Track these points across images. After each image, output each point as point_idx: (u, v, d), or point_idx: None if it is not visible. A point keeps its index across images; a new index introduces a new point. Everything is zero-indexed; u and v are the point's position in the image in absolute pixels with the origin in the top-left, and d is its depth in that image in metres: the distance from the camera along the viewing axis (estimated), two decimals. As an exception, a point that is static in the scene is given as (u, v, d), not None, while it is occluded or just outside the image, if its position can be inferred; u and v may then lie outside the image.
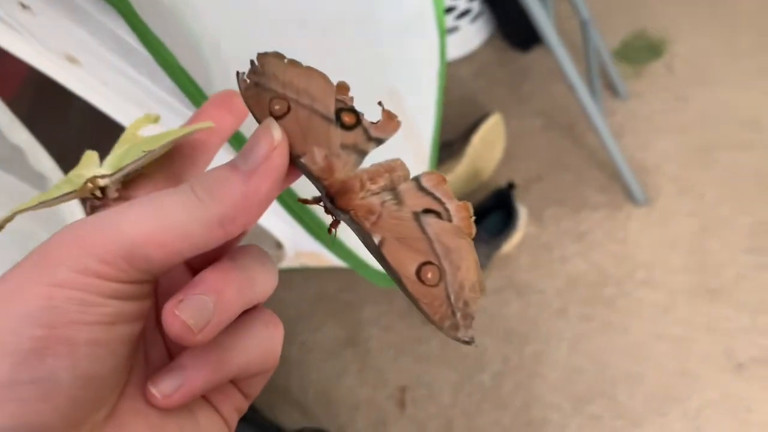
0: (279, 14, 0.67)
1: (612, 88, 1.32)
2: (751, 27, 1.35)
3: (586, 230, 1.20)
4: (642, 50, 1.38)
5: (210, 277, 0.22)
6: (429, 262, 0.23)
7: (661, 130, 1.27)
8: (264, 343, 0.25)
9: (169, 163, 0.27)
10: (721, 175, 1.19)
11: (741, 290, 1.09)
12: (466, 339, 0.24)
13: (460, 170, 1.24)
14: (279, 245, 0.57)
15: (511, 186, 1.18)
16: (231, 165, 0.22)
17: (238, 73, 0.24)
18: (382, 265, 0.24)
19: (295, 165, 0.24)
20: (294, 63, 0.25)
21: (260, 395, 1.07)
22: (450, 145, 1.28)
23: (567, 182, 1.26)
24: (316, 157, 0.23)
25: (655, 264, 1.14)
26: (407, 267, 0.23)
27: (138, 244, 0.20)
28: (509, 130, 1.33)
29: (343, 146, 0.24)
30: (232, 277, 0.22)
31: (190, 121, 0.27)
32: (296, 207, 0.48)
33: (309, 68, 0.25)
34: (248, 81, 0.24)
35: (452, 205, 0.25)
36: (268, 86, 0.24)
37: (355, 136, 0.25)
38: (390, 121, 0.26)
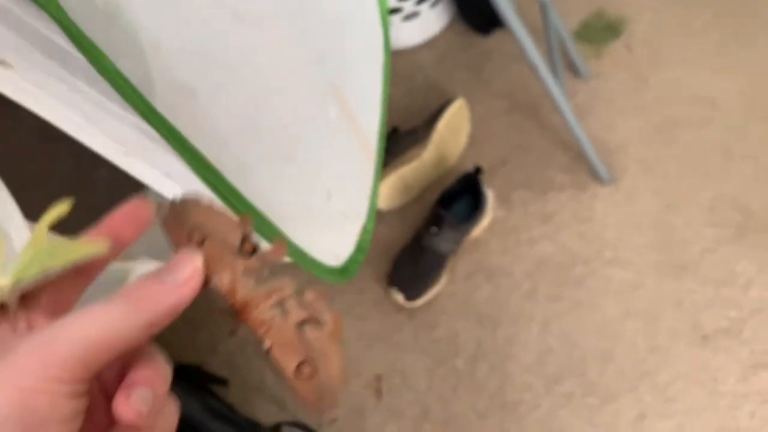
0: (214, 9, 0.65)
1: (573, 69, 1.33)
2: (706, 6, 1.37)
3: (553, 211, 1.21)
4: (601, 30, 1.39)
5: (144, 374, 0.27)
6: (305, 362, 0.30)
7: (623, 109, 1.28)
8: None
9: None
10: (683, 152, 1.21)
11: (705, 264, 1.11)
12: (331, 418, 0.39)
13: (426, 157, 1.23)
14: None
15: (477, 170, 1.18)
16: (159, 279, 0.28)
17: (158, 203, 0.30)
18: (269, 365, 0.30)
19: (207, 284, 0.30)
20: (208, 206, 0.31)
21: (235, 392, 1.06)
22: (414, 132, 1.27)
23: (532, 164, 1.26)
24: (224, 281, 0.31)
25: (622, 242, 1.16)
26: (289, 366, 0.30)
27: (91, 352, 0.24)
28: (474, 114, 1.33)
29: (245, 271, 0.31)
30: (159, 371, 0.27)
31: (98, 230, 0.30)
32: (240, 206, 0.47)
33: (219, 212, 0.31)
34: (169, 213, 0.31)
35: (327, 316, 0.31)
36: (186, 221, 0.31)
37: (254, 262, 0.31)
38: (279, 248, 0.32)
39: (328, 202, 0.58)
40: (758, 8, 1.34)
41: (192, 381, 1.05)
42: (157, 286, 0.28)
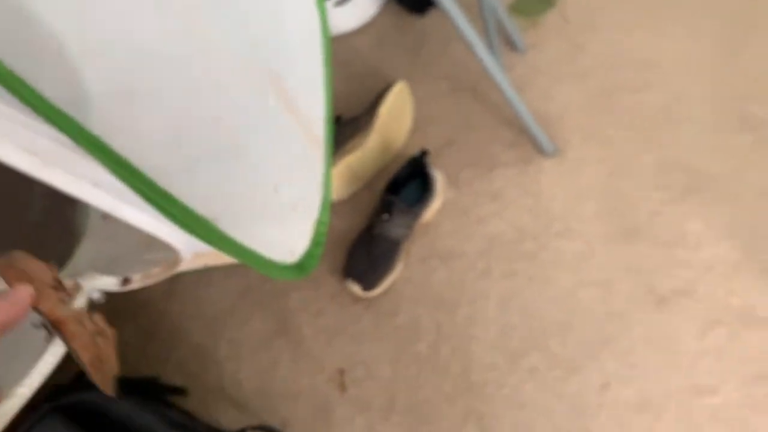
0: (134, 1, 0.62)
1: (510, 43, 1.33)
2: (636, -31, 1.37)
3: (501, 188, 1.20)
4: (536, 2, 1.39)
5: None
6: (96, 357, 0.47)
7: (562, 79, 1.28)
8: None
9: None
10: (623, 118, 1.22)
11: (655, 227, 1.12)
12: (109, 393, 0.50)
13: (370, 144, 1.21)
14: (172, 249, 0.53)
15: (423, 153, 1.17)
16: (4, 299, 0.38)
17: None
18: (75, 358, 0.47)
19: (35, 307, 0.45)
20: (26, 257, 0.48)
21: (195, 398, 1.02)
22: (357, 120, 1.25)
23: (478, 143, 1.25)
24: (45, 306, 0.45)
25: (571, 213, 1.16)
26: (87, 360, 0.47)
27: None
28: (416, 96, 1.31)
29: (58, 300, 0.46)
30: None
31: None
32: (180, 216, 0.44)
33: (35, 260, 0.47)
34: (3, 263, 0.45)
35: (108, 330, 0.52)
36: (15, 266, 0.45)
37: (62, 294, 0.48)
38: (75, 286, 0.53)
39: (276, 195, 0.56)
40: (686, -31, 1.35)
41: (148, 394, 1.01)
42: (2, 303, 0.37)
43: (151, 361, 1.19)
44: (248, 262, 0.47)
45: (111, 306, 1.26)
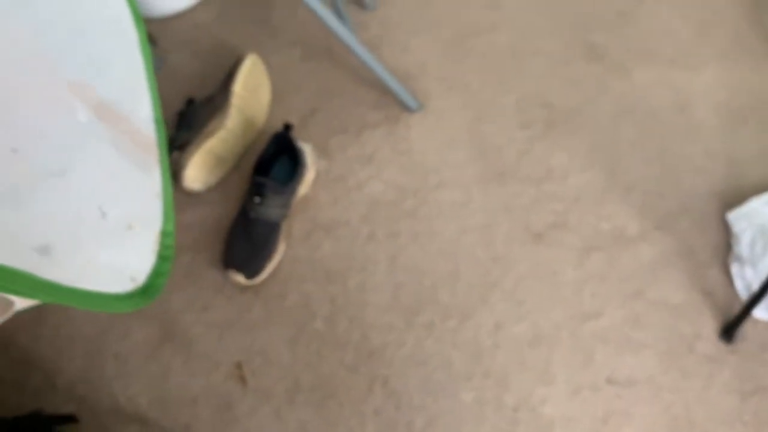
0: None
1: (360, 2, 1.29)
2: None
3: (373, 151, 1.19)
4: (377, -44, 1.36)
5: None
6: None
7: (415, 32, 1.27)
8: None
9: None
10: (479, 62, 1.23)
11: (523, 165, 1.15)
12: None
13: (230, 124, 1.15)
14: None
15: (287, 127, 1.13)
16: None
17: None
18: None
19: None
20: None
21: (91, 423, 0.95)
22: (212, 99, 1.18)
23: (342, 108, 1.23)
24: None
25: (443, 164, 1.16)
26: None
27: None
28: (270, 67, 1.26)
29: None
30: None
31: None
32: None
33: None
34: None
35: None
36: None
37: None
38: None
39: (104, 221, 0.50)
40: None
41: (35, 430, 0.93)
42: None
43: (33, 394, 1.10)
44: (80, 304, 0.43)
45: (-26, 343, 1.15)
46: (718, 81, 1.19)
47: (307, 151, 1.14)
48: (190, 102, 1.22)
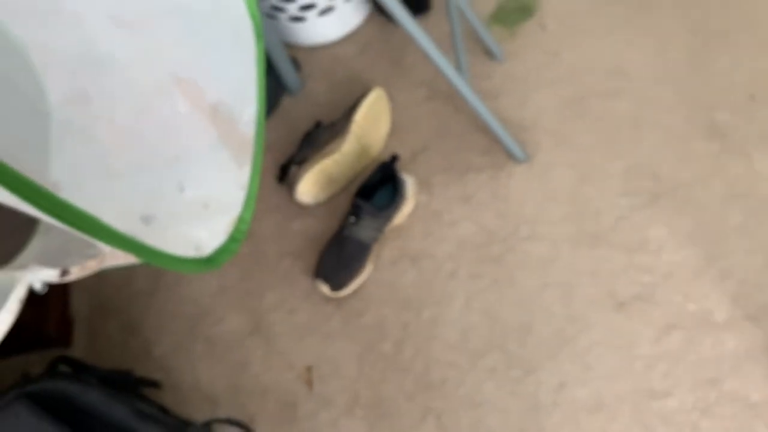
0: (88, 15, 0.67)
1: (488, 52, 1.35)
2: (614, -21, 1.39)
3: (472, 193, 1.23)
4: (515, 11, 1.42)
5: None
6: None
7: (536, 86, 1.31)
8: None
9: None
10: (594, 124, 1.24)
11: (619, 232, 1.14)
12: None
13: (346, 149, 1.25)
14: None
15: (394, 158, 1.20)
16: None
17: None
18: None
19: None
20: None
21: (170, 394, 1.08)
22: (334, 125, 1.29)
23: (452, 148, 1.28)
24: None
25: (538, 217, 1.18)
26: None
27: None
28: (396, 103, 1.35)
29: None
30: None
31: None
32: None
33: None
34: None
35: None
36: None
37: None
38: None
39: (182, 195, 0.60)
40: (664, -21, 1.37)
41: (120, 386, 1.06)
42: None
43: (132, 356, 1.24)
44: (148, 259, 0.51)
45: (100, 299, 1.32)
46: None
47: (410, 183, 1.21)
48: (317, 124, 1.33)
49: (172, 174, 0.60)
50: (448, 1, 1.19)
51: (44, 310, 1.24)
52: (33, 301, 1.19)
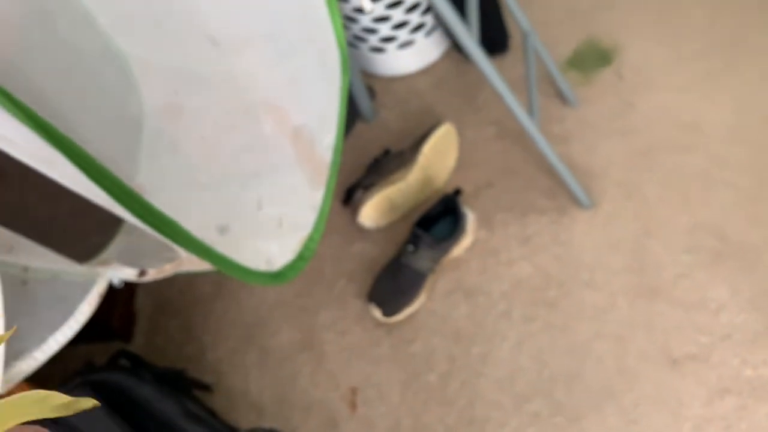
0: (188, 33, 0.72)
1: (562, 96, 1.36)
2: (696, 34, 1.38)
3: (533, 234, 1.23)
4: (592, 58, 1.42)
5: None
6: None
7: (608, 134, 1.31)
8: None
9: None
10: (664, 178, 1.23)
11: (679, 289, 1.12)
12: None
13: (411, 178, 1.28)
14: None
15: (457, 192, 1.22)
16: None
17: None
18: None
19: None
20: None
21: (220, 398, 1.13)
22: (403, 154, 1.32)
23: (516, 188, 1.30)
24: None
25: (598, 265, 1.17)
26: None
27: None
28: (464, 138, 1.37)
29: None
30: None
31: None
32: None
33: None
34: None
35: None
36: None
37: None
38: None
39: (259, 211, 0.64)
40: (748, 38, 1.35)
41: (173, 385, 1.11)
42: None
43: (187, 357, 1.29)
44: (221, 267, 0.55)
45: (164, 299, 1.38)
46: None
47: (470, 218, 1.22)
48: (386, 152, 1.37)
49: (252, 190, 0.64)
50: (526, 44, 1.21)
51: (111, 304, 1.31)
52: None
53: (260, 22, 0.69)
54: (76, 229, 0.78)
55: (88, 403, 0.31)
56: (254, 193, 0.64)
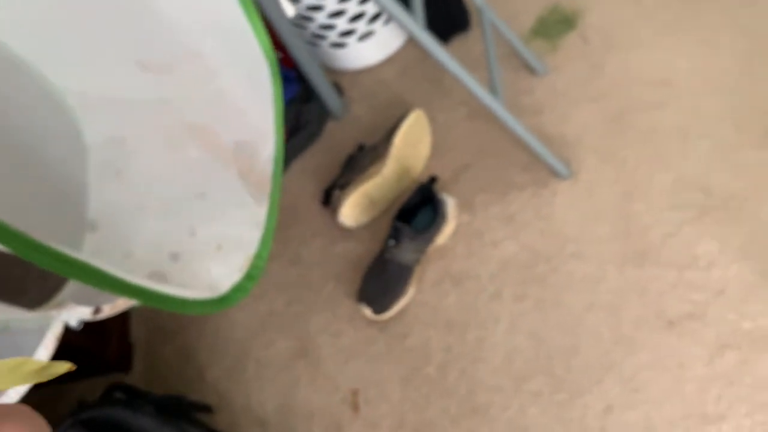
0: (118, 61, 0.71)
1: (529, 67, 1.34)
2: (658, -14, 1.35)
3: (515, 212, 1.21)
4: (557, 24, 1.40)
5: None
6: None
7: (580, 101, 1.28)
8: None
9: None
10: (639, 138, 1.20)
11: (668, 249, 1.10)
12: None
13: (386, 171, 1.26)
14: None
15: (432, 180, 1.20)
16: None
17: None
18: None
19: None
20: None
21: (225, 416, 1.11)
22: (375, 148, 1.30)
23: (494, 166, 1.27)
24: None
25: (583, 236, 1.15)
26: None
27: None
28: (436, 123, 1.35)
29: None
30: None
31: None
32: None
33: None
34: None
35: None
36: None
37: None
38: None
39: (194, 237, 0.62)
40: (712, -18, 1.32)
41: (173, 411, 1.10)
42: None
43: (187, 380, 1.28)
44: (155, 304, 0.53)
45: (156, 325, 1.37)
46: None
47: (450, 204, 1.21)
48: (360, 147, 1.35)
49: (190, 214, 0.63)
50: (482, 19, 1.19)
51: (105, 337, 1.30)
52: (94, 329, 1.25)
53: (184, 42, 0.67)
54: (28, 276, 0.76)
55: (63, 366, 0.31)
56: (192, 218, 0.62)
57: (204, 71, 0.65)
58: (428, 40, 0.95)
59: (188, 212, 0.63)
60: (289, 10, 0.74)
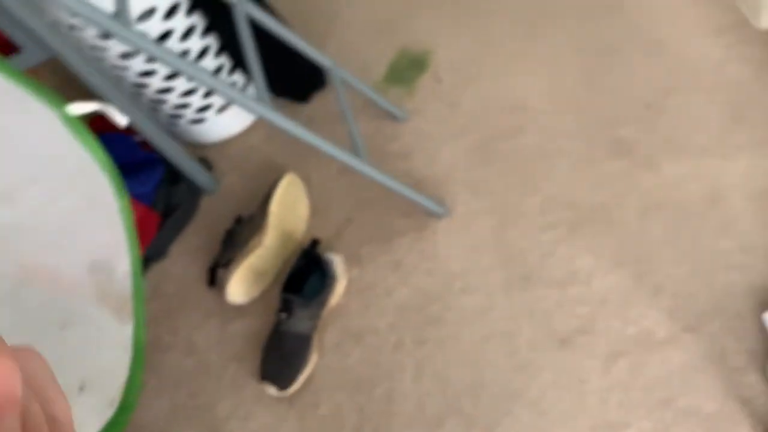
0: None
1: (391, 115, 1.37)
2: (500, 15, 1.42)
3: (401, 257, 1.23)
4: (408, 69, 1.44)
5: None
6: None
7: (444, 139, 1.32)
8: None
9: None
10: (504, 165, 1.25)
11: (547, 269, 1.14)
12: None
13: (267, 241, 1.24)
14: None
15: (313, 243, 1.20)
16: None
17: None
18: None
19: None
20: None
21: None
22: (252, 219, 1.28)
23: (374, 217, 1.29)
24: None
25: (468, 270, 1.18)
26: None
27: None
28: (312, 183, 1.35)
29: None
30: None
31: None
32: None
33: None
34: None
35: None
36: None
37: None
38: None
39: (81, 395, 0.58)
40: (547, 6, 1.40)
41: None
42: None
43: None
44: None
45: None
46: (754, 168, 1.13)
47: (337, 262, 1.20)
48: (238, 220, 1.33)
49: (49, 356, 0.59)
50: (332, 78, 1.21)
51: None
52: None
53: (20, 168, 0.64)
54: None
55: None
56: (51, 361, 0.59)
57: (45, 197, 0.61)
58: (276, 117, 0.95)
59: (58, 345, 0.59)
60: (123, 121, 0.71)
